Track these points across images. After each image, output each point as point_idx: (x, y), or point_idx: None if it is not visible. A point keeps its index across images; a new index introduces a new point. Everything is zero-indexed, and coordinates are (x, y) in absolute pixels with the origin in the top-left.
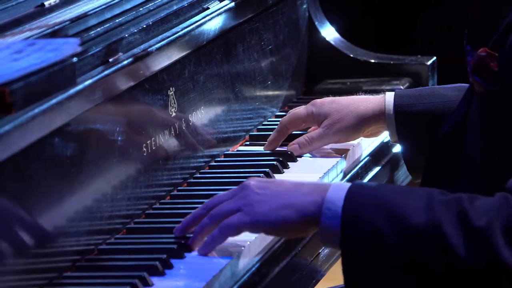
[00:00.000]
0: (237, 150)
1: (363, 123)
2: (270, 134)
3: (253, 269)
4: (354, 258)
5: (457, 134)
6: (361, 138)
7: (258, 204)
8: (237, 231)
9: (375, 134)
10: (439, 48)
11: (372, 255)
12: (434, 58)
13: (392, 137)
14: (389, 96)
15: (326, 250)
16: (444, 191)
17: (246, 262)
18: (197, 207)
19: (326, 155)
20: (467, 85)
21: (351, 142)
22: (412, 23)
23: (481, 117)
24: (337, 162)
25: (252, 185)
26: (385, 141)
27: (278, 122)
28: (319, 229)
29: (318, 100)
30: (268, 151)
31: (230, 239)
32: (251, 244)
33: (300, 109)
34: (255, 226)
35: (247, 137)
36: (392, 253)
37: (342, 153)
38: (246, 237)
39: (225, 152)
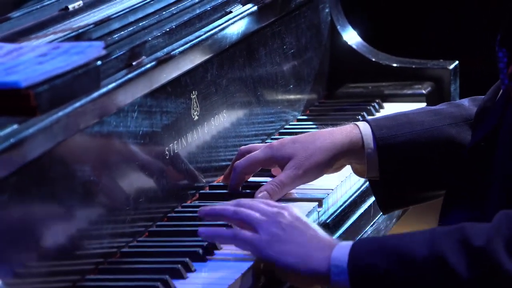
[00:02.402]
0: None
1: (333, 158)
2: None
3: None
4: None
5: (489, 141)
6: (341, 180)
7: (275, 240)
8: (246, 247)
9: (339, 169)
10: (461, 52)
11: None
12: (457, 62)
13: (370, 172)
14: (365, 128)
15: None
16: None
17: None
18: None
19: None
20: (435, 107)
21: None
22: (435, 27)
23: None
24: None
25: (285, 217)
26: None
27: (299, 126)
28: (331, 284)
29: (275, 142)
30: None
31: None
32: None
33: (257, 153)
34: (262, 257)
35: None
36: None
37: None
38: None
39: None
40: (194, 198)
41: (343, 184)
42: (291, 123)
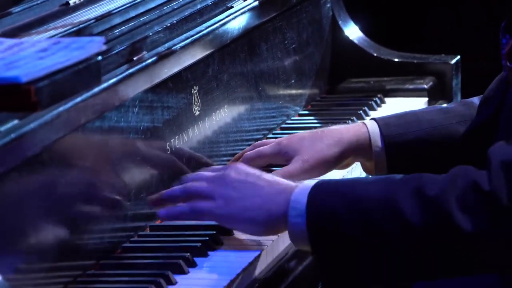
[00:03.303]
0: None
1: (340, 155)
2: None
3: (275, 268)
4: (324, 250)
5: (491, 125)
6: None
7: (231, 200)
8: (205, 217)
9: (347, 166)
10: (463, 47)
11: (339, 241)
12: (458, 57)
13: (378, 169)
14: (372, 126)
15: None
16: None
17: (268, 261)
18: None
19: None
20: (444, 106)
21: None
22: (436, 22)
23: None
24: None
25: (232, 177)
26: None
27: (301, 121)
28: (288, 230)
29: (283, 139)
30: None
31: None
32: (273, 243)
33: (266, 148)
34: (223, 221)
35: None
36: (356, 236)
37: None
38: (268, 237)
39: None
40: None
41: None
42: (292, 118)
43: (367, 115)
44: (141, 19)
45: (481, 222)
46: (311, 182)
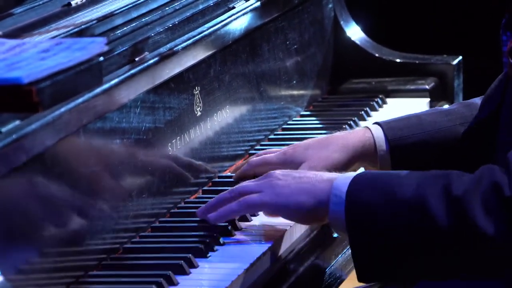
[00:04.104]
0: (261, 150)
1: (346, 162)
2: (294, 133)
3: (276, 269)
4: (359, 240)
5: (492, 122)
6: None
7: (279, 187)
8: (254, 208)
9: (354, 171)
10: (464, 47)
11: (374, 234)
12: (460, 57)
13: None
14: (377, 131)
15: (349, 252)
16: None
17: (270, 263)
18: None
19: None
20: (446, 108)
21: None
22: (438, 22)
23: None
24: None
25: (276, 172)
26: None
27: (302, 122)
28: (328, 216)
29: (288, 149)
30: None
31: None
32: (275, 244)
33: (271, 156)
34: (272, 206)
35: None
36: (387, 230)
37: None
38: (268, 238)
39: (250, 152)
40: (197, 194)
41: None
42: (294, 118)
43: (368, 115)
44: (143, 20)
45: (501, 226)
46: (353, 173)
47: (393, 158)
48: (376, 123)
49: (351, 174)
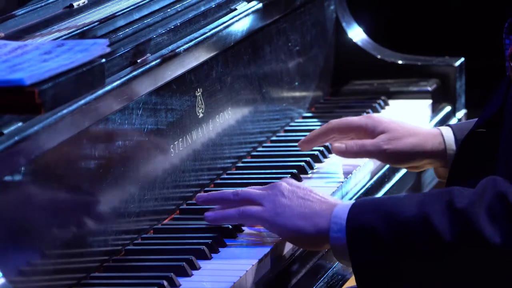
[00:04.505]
0: (264, 151)
1: (418, 153)
2: (296, 135)
3: (277, 270)
4: (362, 264)
5: (493, 125)
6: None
7: (281, 207)
8: (252, 221)
9: (420, 167)
10: (466, 49)
11: (378, 255)
12: (462, 59)
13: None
14: (447, 132)
15: None
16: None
17: (268, 268)
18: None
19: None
20: None
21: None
22: (440, 24)
23: None
24: (364, 163)
25: (283, 186)
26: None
27: (304, 123)
28: (330, 244)
29: (376, 116)
30: (293, 153)
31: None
32: (276, 246)
33: (354, 118)
34: (271, 225)
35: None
36: (392, 250)
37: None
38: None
39: (252, 153)
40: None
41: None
42: (296, 120)
43: None
44: (145, 21)
45: (507, 234)
46: (351, 201)
47: None
48: (447, 125)
49: (350, 202)
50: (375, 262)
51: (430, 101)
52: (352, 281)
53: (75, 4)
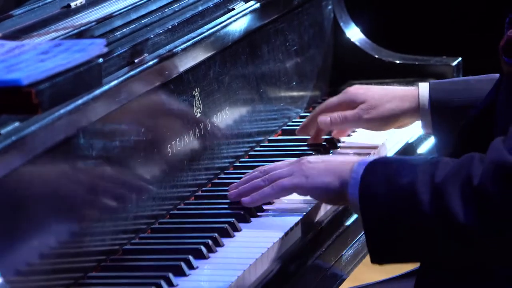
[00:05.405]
0: (261, 151)
1: (398, 116)
2: (293, 135)
3: (276, 270)
4: (370, 222)
5: (486, 118)
6: (386, 138)
7: (308, 169)
8: (287, 191)
9: (405, 125)
10: (464, 49)
11: (381, 219)
12: (460, 59)
13: (426, 128)
14: (423, 89)
15: (350, 252)
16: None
17: (270, 263)
18: (221, 207)
19: (352, 155)
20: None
21: (376, 142)
22: (437, 24)
23: (508, 98)
24: None
25: (306, 158)
26: (410, 141)
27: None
28: (348, 198)
29: (351, 88)
30: (292, 152)
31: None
32: (269, 249)
33: (333, 98)
34: (303, 188)
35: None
36: (390, 214)
37: (366, 153)
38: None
39: (250, 153)
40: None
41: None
42: (294, 120)
43: None
44: (142, 21)
45: (470, 215)
46: (370, 157)
47: (433, 117)
48: (429, 81)
49: (369, 159)
50: (380, 226)
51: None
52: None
53: (72, 4)
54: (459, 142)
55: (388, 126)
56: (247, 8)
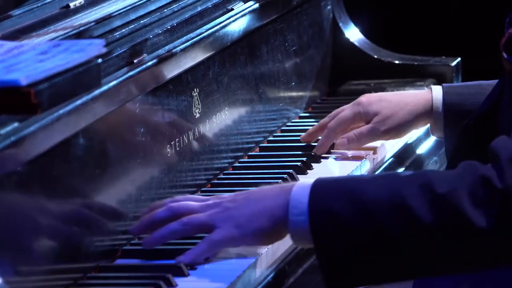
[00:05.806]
0: (260, 152)
1: (413, 121)
2: (293, 135)
3: (273, 272)
4: (328, 249)
5: (489, 118)
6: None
7: (233, 218)
8: (223, 246)
9: (417, 128)
10: (463, 49)
11: (343, 241)
12: (459, 59)
13: (437, 132)
14: (437, 92)
15: None
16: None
17: (267, 265)
18: None
19: (349, 158)
20: None
21: (375, 143)
22: (437, 24)
23: (511, 97)
24: (361, 163)
25: (225, 197)
26: (409, 142)
27: (301, 123)
28: (288, 229)
29: (364, 99)
30: (290, 153)
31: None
32: (269, 248)
33: (346, 112)
34: (236, 241)
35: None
36: (362, 237)
37: (365, 154)
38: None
39: (249, 153)
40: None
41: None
42: (293, 120)
43: None
44: (142, 21)
45: (495, 218)
46: (309, 181)
47: (446, 120)
48: (441, 85)
49: (306, 184)
50: (342, 249)
51: None
52: None
53: (71, 5)
54: (463, 140)
55: (405, 133)
56: (246, 9)
